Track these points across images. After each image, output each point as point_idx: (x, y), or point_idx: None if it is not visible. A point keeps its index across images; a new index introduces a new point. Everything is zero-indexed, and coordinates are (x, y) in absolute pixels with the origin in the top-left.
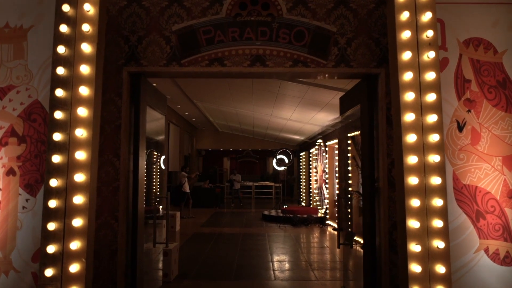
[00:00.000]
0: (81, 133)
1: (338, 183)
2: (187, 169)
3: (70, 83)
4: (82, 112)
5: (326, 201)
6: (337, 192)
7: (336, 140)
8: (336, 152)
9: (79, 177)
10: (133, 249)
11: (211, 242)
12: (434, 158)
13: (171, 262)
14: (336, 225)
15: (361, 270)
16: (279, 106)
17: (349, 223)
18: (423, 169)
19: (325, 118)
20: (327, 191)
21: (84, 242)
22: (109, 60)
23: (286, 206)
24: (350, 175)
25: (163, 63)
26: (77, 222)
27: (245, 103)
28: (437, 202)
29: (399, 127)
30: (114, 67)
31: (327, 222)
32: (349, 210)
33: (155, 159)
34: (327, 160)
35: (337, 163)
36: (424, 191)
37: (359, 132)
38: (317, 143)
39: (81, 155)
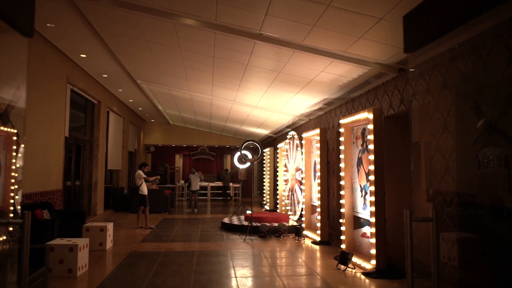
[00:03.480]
0: None
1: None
2: (145, 168)
3: None
4: None
5: (301, 206)
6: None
7: (317, 131)
8: (318, 145)
9: None
10: None
11: (152, 268)
12: None
13: None
14: (318, 238)
15: None
16: (246, 87)
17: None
18: None
19: (303, 103)
20: (303, 194)
21: None
22: None
23: (250, 212)
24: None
25: None
26: None
27: (202, 84)
28: None
29: None
30: None
31: (303, 232)
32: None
33: None
34: (303, 156)
35: (318, 159)
36: None
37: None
38: (288, 136)
39: None
